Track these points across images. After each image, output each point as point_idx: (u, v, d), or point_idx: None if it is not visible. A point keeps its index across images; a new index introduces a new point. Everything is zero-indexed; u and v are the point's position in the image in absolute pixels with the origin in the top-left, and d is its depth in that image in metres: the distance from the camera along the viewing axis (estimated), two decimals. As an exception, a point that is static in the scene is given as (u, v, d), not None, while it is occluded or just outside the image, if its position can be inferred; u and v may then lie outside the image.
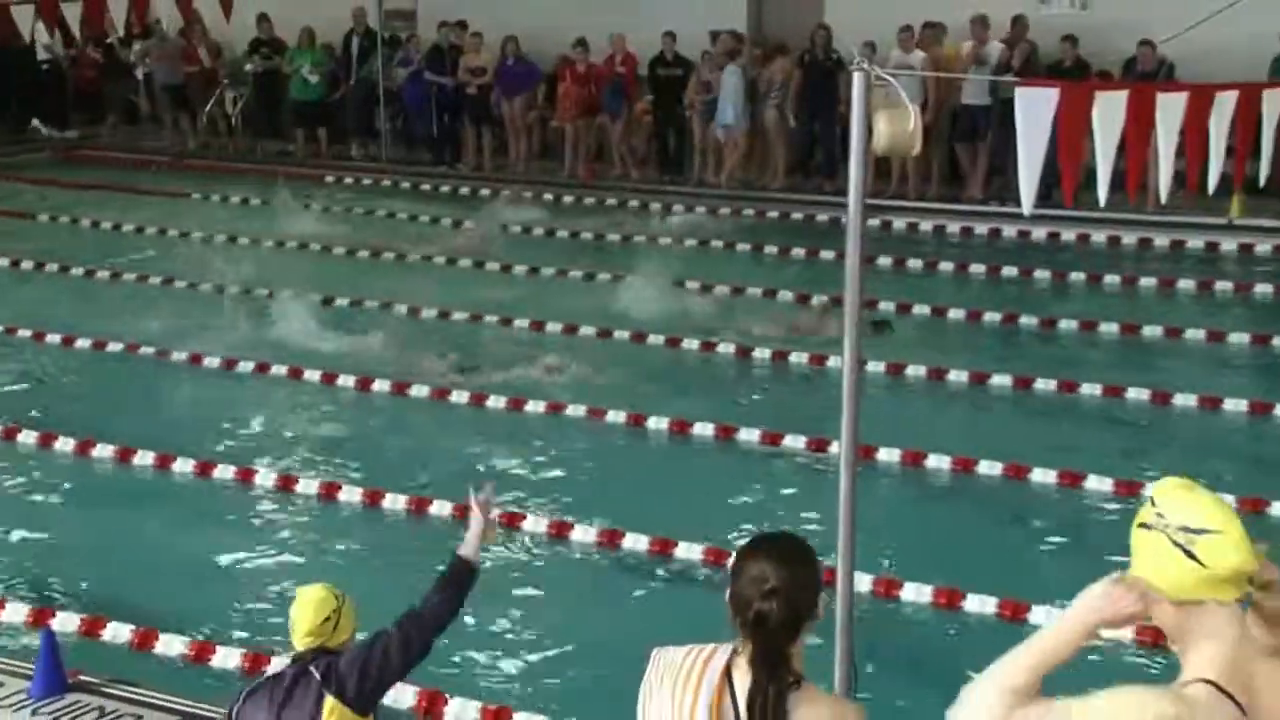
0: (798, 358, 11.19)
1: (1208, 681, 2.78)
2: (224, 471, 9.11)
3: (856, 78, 4.65)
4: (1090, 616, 2.88)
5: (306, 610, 4.38)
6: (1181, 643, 2.87)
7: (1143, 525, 2.87)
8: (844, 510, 5.09)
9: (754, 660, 3.24)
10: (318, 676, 4.27)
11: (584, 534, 8.12)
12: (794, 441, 9.39)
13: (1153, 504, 2.89)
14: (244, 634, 7.07)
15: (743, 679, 3.24)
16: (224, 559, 7.99)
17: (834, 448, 5.74)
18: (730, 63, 17.74)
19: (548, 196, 18.03)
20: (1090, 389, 10.36)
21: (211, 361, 11.38)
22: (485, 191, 18.42)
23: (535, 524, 8.22)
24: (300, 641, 4.38)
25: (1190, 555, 2.82)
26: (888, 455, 8.97)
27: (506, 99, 19.36)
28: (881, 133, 4.89)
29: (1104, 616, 2.89)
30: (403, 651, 4.38)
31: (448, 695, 6.26)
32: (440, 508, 8.41)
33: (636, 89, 18.88)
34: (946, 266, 14.38)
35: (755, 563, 3.28)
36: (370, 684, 4.29)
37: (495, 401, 10.34)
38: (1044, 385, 10.49)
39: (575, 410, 10.13)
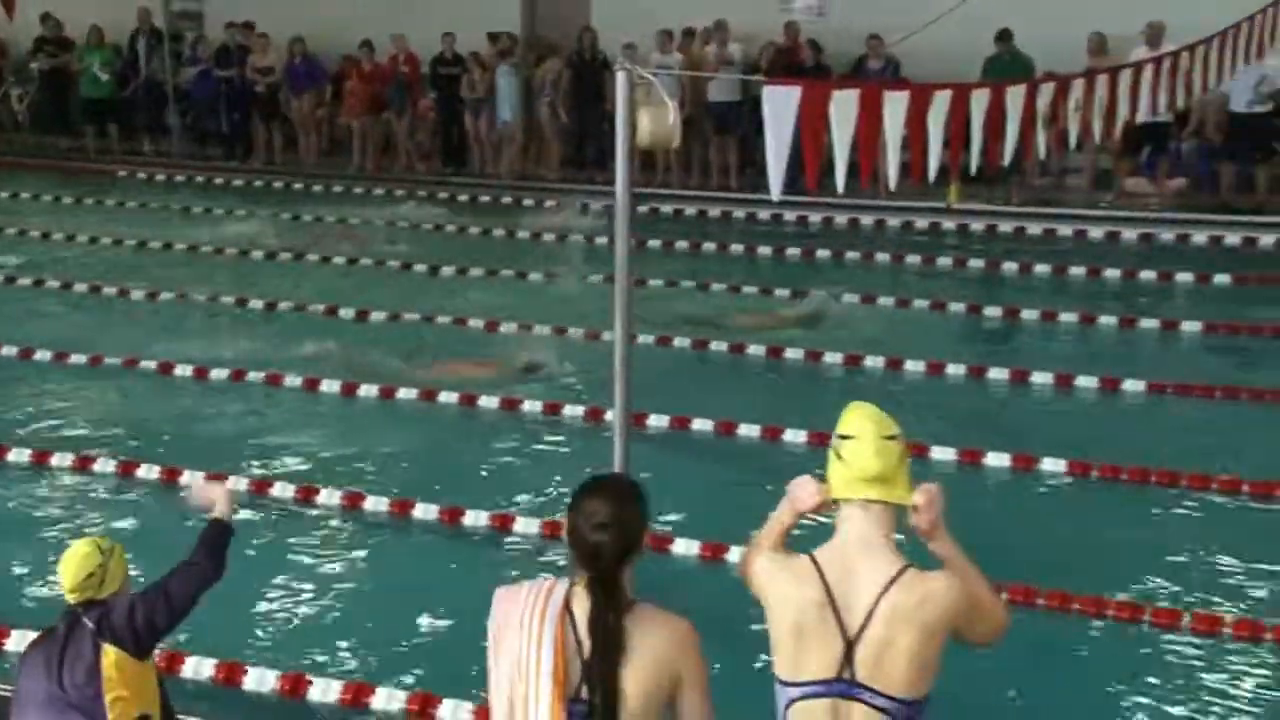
0: (575, 333, 11.33)
1: (811, 556, 3.39)
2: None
3: (620, 77, 4.83)
4: (790, 505, 3.56)
5: (70, 565, 4.30)
6: (837, 530, 3.47)
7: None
8: (618, 466, 5.31)
9: (591, 588, 3.36)
10: (91, 626, 4.22)
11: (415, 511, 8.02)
12: (573, 411, 9.54)
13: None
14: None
15: (582, 607, 3.36)
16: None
17: (609, 415, 5.95)
18: (504, 62, 17.90)
19: (337, 189, 17.99)
20: (833, 356, 10.72)
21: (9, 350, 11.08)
22: (278, 184, 18.27)
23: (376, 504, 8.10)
24: (70, 595, 4.30)
25: (839, 457, 3.40)
26: (657, 420, 9.19)
27: (295, 97, 19.17)
28: (644, 127, 5.08)
29: (795, 507, 3.56)
30: (171, 599, 4.35)
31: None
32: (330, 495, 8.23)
33: (420, 87, 18.88)
34: (709, 247, 14.77)
35: (590, 501, 3.42)
36: (144, 631, 4.26)
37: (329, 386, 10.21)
38: (793, 354, 10.83)
39: (407, 393, 10.05)
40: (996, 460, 8.50)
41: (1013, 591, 6.59)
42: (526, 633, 3.33)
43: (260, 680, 6.11)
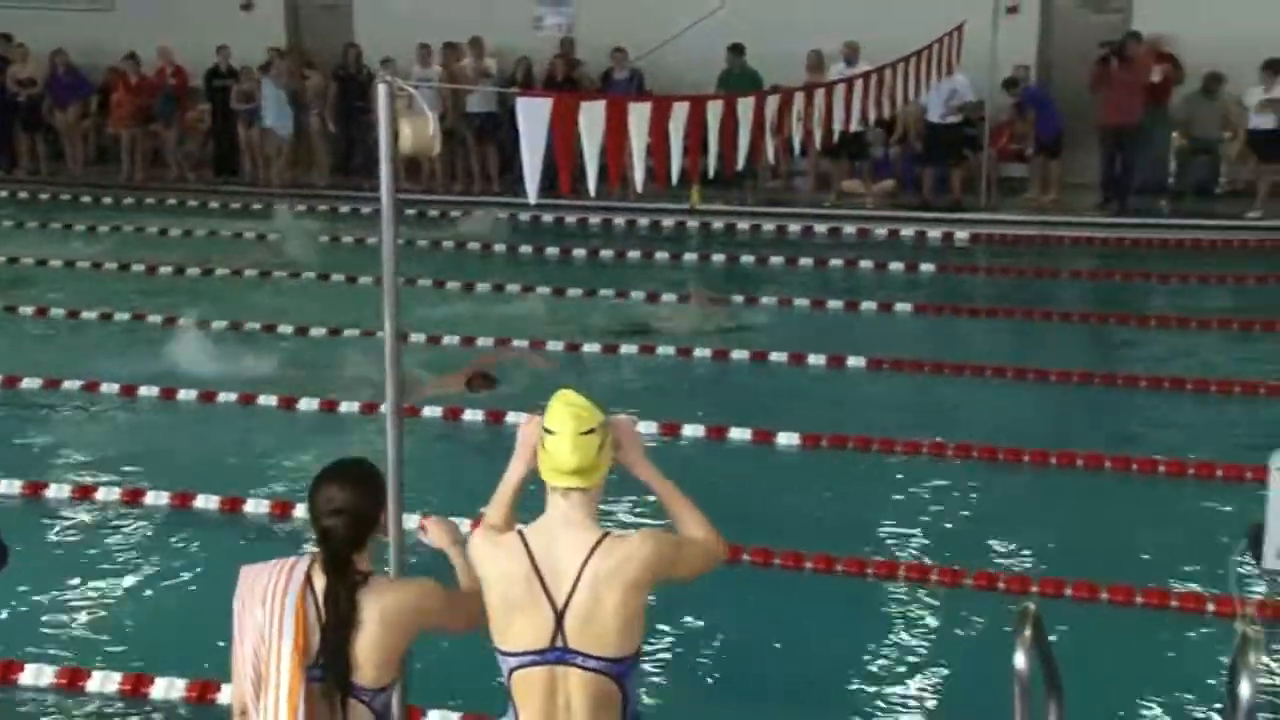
0: (351, 333, 11.15)
1: (521, 534, 3.43)
2: None
3: (381, 89, 4.78)
4: (521, 451, 3.61)
5: None
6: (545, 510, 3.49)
7: None
8: (392, 459, 5.27)
9: (325, 566, 3.40)
10: None
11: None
12: (350, 406, 9.41)
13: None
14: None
15: (322, 582, 3.40)
16: None
17: (383, 408, 5.92)
18: (271, 75, 17.54)
19: (107, 200, 17.29)
20: (590, 346, 10.83)
21: None
22: (44, 196, 17.50)
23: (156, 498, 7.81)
24: None
25: (544, 447, 3.43)
26: (430, 411, 9.13)
27: (59, 108, 18.33)
28: (406, 136, 5.04)
29: (524, 451, 3.60)
30: None
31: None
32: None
33: (188, 98, 18.33)
34: (474, 246, 14.75)
35: (326, 486, 3.43)
36: None
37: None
38: (554, 345, 10.86)
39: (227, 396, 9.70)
40: (739, 435, 8.74)
41: (754, 553, 6.82)
42: (269, 607, 3.35)
43: (38, 675, 5.84)
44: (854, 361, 10.27)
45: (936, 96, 15.19)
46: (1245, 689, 3.54)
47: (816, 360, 10.32)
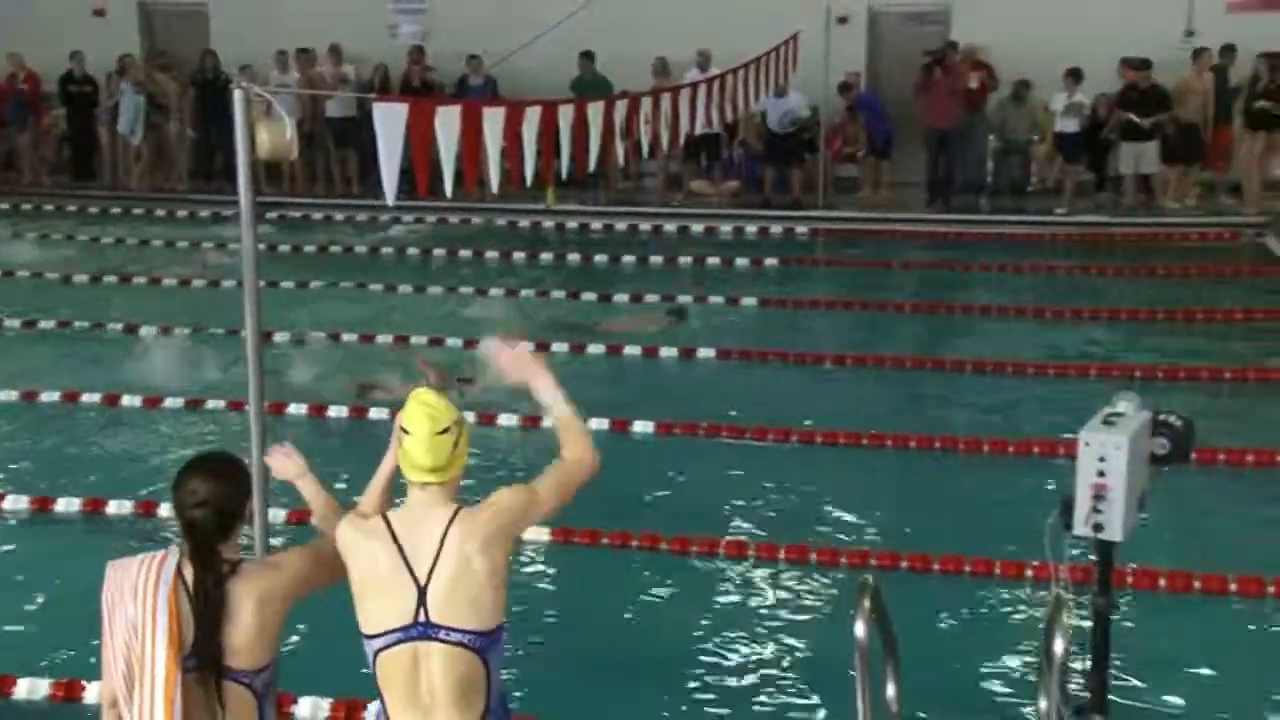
0: (215, 333, 10.86)
1: (384, 517, 3.43)
2: None
3: (237, 95, 4.67)
4: (386, 464, 3.62)
5: None
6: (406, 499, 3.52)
7: None
8: (256, 454, 5.16)
9: (191, 557, 3.33)
10: None
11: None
12: (215, 405, 9.16)
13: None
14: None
15: (191, 574, 3.33)
16: None
17: (248, 408, 5.79)
18: (127, 81, 16.99)
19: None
20: (454, 341, 10.66)
21: None
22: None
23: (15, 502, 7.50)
24: None
25: (402, 445, 3.41)
26: (296, 409, 8.95)
27: (-97, 115, 17.57)
28: (263, 141, 4.93)
29: (387, 467, 3.62)
30: None
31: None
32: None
33: (43, 104, 17.66)
34: (337, 249, 14.51)
35: (189, 479, 3.36)
36: None
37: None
38: (417, 337, 10.74)
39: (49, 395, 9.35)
40: (597, 425, 8.67)
41: (611, 536, 6.84)
42: (141, 601, 3.27)
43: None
44: (704, 353, 10.36)
45: (773, 113, 15.57)
46: (1059, 646, 3.68)
47: (668, 352, 10.38)
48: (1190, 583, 6.29)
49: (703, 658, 5.92)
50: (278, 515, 6.69)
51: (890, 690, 4.22)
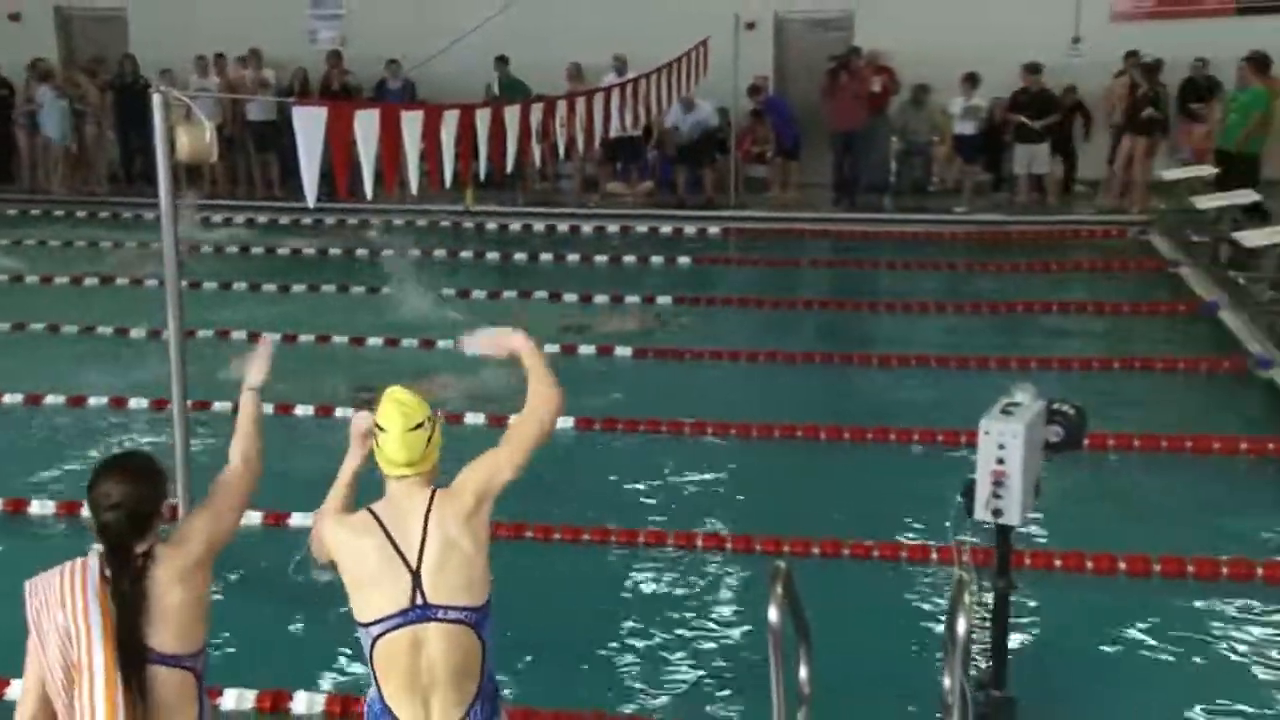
0: (138, 333, 10.63)
1: (371, 511, 3.45)
2: None
3: (156, 99, 4.58)
4: (354, 442, 3.65)
5: None
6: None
7: None
8: (179, 454, 5.08)
9: (107, 559, 3.26)
10: None
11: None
12: (139, 403, 8.99)
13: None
14: None
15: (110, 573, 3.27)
16: None
17: (173, 407, 5.68)
18: (46, 85, 16.56)
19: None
20: (375, 340, 10.63)
21: None
22: None
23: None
24: None
25: (378, 442, 3.46)
26: (221, 406, 8.77)
27: None
28: (183, 144, 4.86)
29: (357, 434, 3.64)
30: None
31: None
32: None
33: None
34: (259, 250, 14.27)
35: (103, 481, 3.27)
36: None
37: None
38: (339, 339, 10.66)
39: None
40: (473, 420, 8.58)
41: (536, 529, 6.82)
42: (70, 606, 3.20)
43: None
44: (621, 350, 10.36)
45: (683, 125, 15.67)
46: (961, 624, 3.74)
47: (587, 349, 10.36)
48: (1083, 562, 6.43)
49: (626, 642, 5.93)
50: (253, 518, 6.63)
51: (803, 672, 4.26)
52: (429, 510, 3.38)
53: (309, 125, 6.51)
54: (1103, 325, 11.00)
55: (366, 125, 7.11)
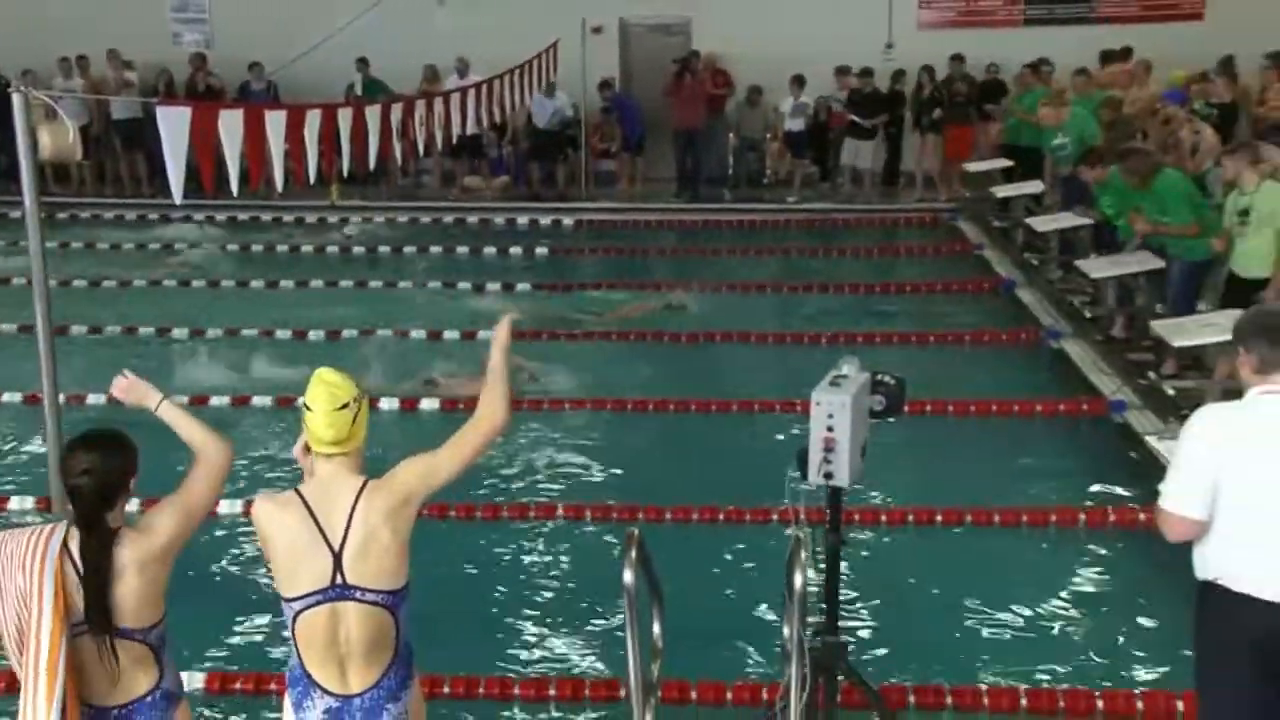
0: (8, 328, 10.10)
1: (298, 491, 3.36)
2: None
3: (16, 99, 4.34)
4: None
5: None
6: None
7: None
8: (51, 448, 4.87)
9: (77, 523, 3.22)
10: None
11: None
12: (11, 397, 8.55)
13: None
14: None
15: (75, 541, 3.22)
16: None
17: (43, 398, 5.40)
18: (-92, 86, 15.57)
19: None
20: (250, 330, 10.27)
21: None
22: None
23: None
24: None
25: (306, 421, 3.36)
26: (94, 398, 8.40)
27: None
28: (45, 144, 4.63)
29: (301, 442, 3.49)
30: None
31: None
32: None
33: None
34: (103, 246, 13.71)
35: (76, 450, 3.27)
36: None
37: None
38: (213, 333, 10.28)
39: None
40: (388, 405, 8.44)
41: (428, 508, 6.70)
42: (28, 572, 3.15)
43: None
44: (484, 334, 10.23)
45: (542, 112, 15.56)
46: (798, 578, 3.81)
47: (451, 335, 10.22)
48: (905, 516, 6.62)
49: (493, 610, 5.89)
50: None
51: (656, 628, 4.29)
52: (357, 499, 3.30)
53: (173, 125, 6.27)
54: (919, 303, 11.31)
55: (231, 124, 6.88)
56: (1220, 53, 13.69)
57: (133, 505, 3.36)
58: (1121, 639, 5.58)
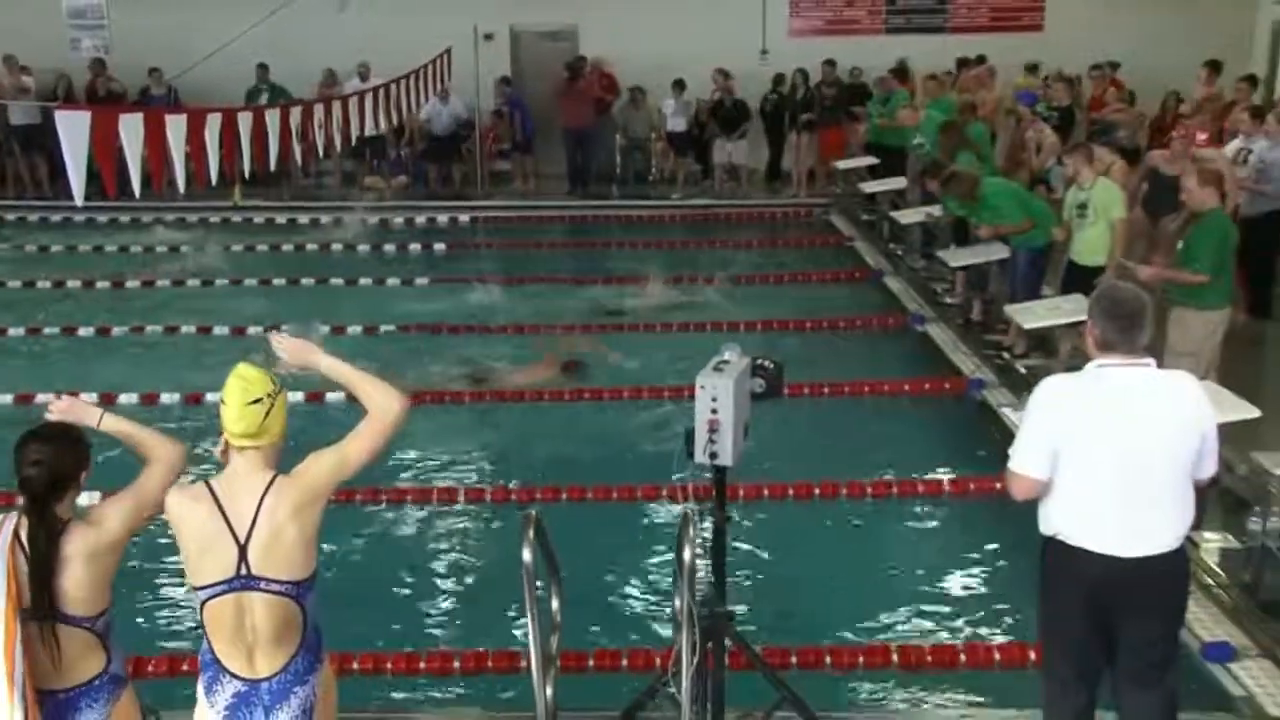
0: None
1: (208, 483, 3.28)
2: None
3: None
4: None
5: None
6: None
7: None
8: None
9: (26, 512, 3.15)
10: None
11: None
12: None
13: None
14: None
15: (25, 531, 3.16)
16: None
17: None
18: None
19: None
20: (153, 328, 9.96)
21: None
22: None
23: None
24: None
25: (221, 414, 3.29)
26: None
27: None
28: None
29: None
30: None
31: None
32: None
33: None
34: (3, 246, 13.20)
35: (28, 442, 3.26)
36: None
37: None
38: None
39: None
40: (294, 397, 8.24)
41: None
42: None
43: None
44: (385, 327, 10.08)
45: (438, 118, 15.38)
46: (687, 553, 3.85)
47: (354, 329, 10.02)
48: (786, 491, 6.71)
49: (400, 589, 5.84)
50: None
51: (555, 603, 4.30)
52: (264, 496, 3.22)
53: (73, 129, 6.06)
54: (795, 291, 11.47)
55: (131, 128, 6.69)
56: (1058, 60, 14.19)
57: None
58: (982, 596, 5.77)
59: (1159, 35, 14.75)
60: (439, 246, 13.41)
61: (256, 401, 3.26)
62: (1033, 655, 4.86)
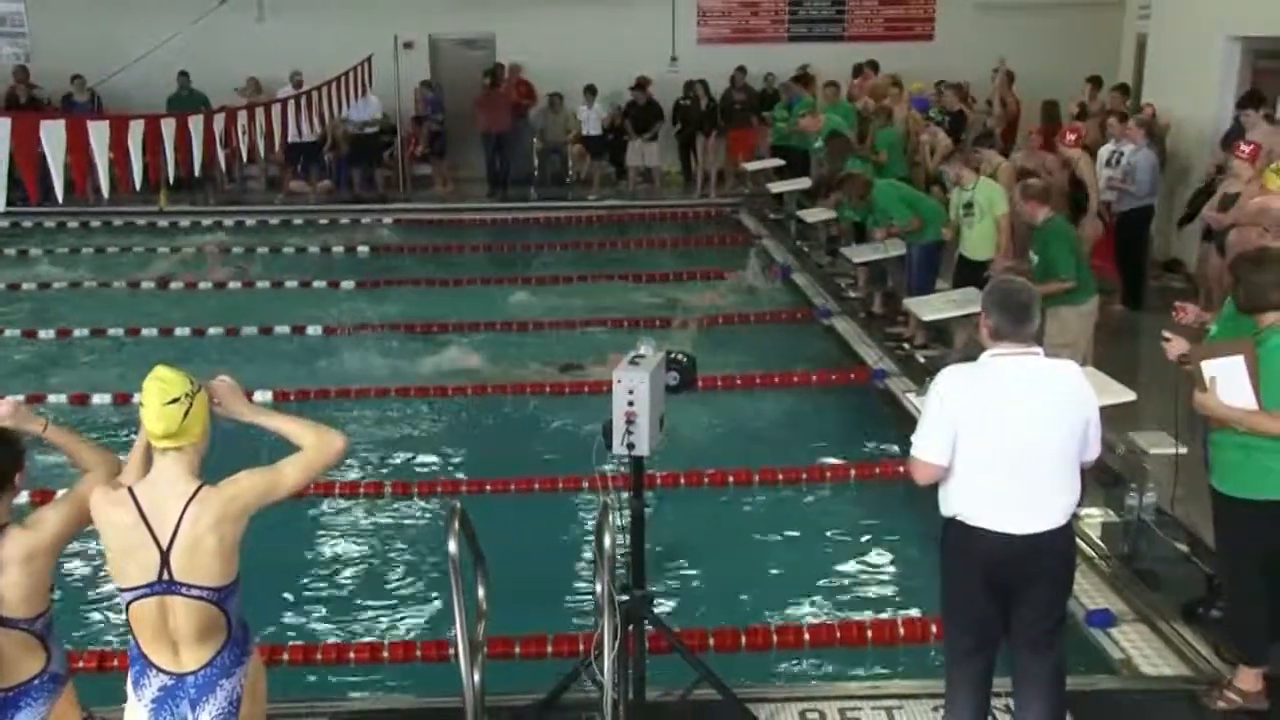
0: None
1: (130, 490, 3.14)
2: None
3: None
4: (140, 438, 3.24)
5: None
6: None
7: None
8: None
9: None
10: None
11: None
12: None
13: None
14: None
15: None
16: None
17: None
18: None
19: None
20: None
21: None
22: None
23: None
24: None
25: (141, 415, 3.15)
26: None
27: None
28: None
29: (140, 440, 3.27)
30: None
31: None
32: None
33: None
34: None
35: None
36: None
37: None
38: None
39: None
40: (262, 395, 8.05)
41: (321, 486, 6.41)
42: None
43: None
44: (312, 330, 9.86)
45: (357, 116, 15.11)
46: (607, 539, 3.82)
47: (282, 329, 9.83)
48: (701, 478, 6.73)
49: (329, 580, 5.73)
50: None
51: (481, 592, 4.24)
52: (187, 505, 3.08)
53: (-9, 135, 5.79)
54: (707, 288, 11.52)
55: (53, 135, 6.44)
56: (947, 67, 14.46)
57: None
58: (887, 575, 5.85)
59: (1038, 45, 15.11)
60: (363, 249, 13.17)
61: (174, 401, 3.13)
62: (934, 629, 4.94)
